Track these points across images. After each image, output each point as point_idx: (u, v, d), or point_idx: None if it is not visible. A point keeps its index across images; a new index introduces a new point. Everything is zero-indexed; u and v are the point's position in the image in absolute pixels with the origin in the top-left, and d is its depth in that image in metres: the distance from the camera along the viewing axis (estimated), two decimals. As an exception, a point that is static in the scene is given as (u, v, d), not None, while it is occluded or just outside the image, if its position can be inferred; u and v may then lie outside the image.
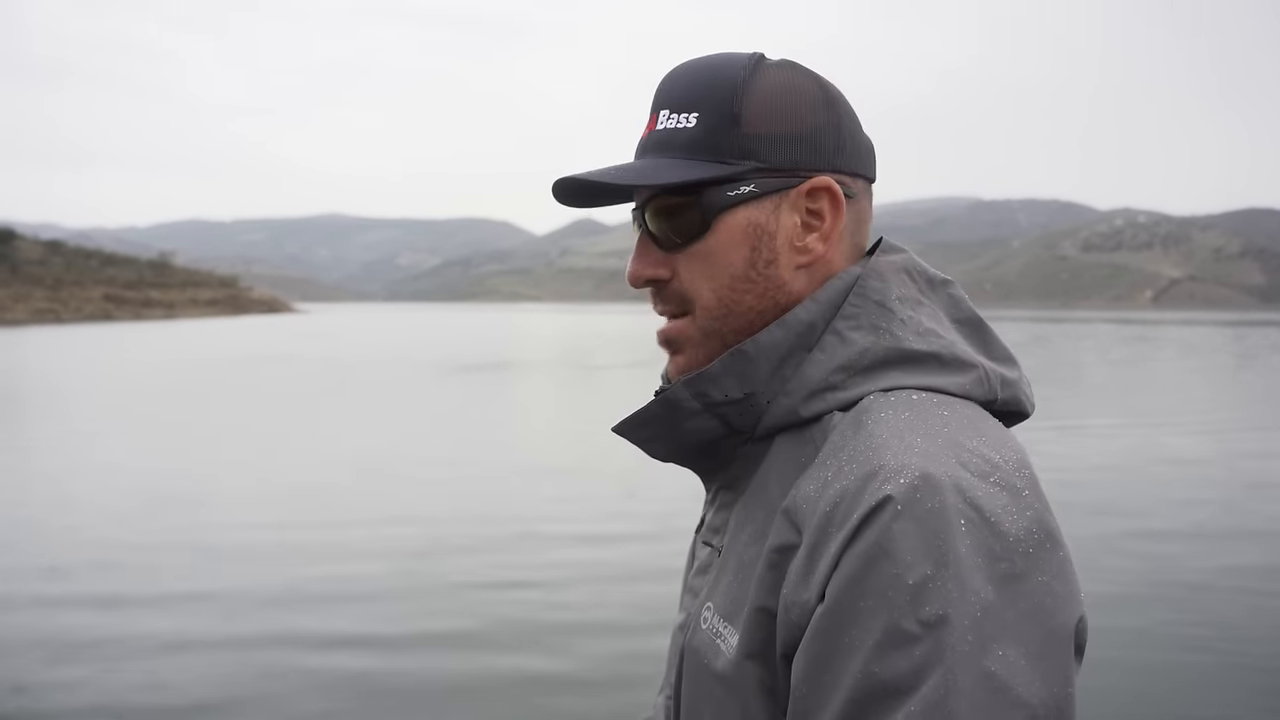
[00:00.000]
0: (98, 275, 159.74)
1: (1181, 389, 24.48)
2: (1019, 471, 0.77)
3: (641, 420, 0.93)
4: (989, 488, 0.74)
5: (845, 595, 0.72)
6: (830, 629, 0.73)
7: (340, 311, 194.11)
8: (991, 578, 0.70)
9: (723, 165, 0.89)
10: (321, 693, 5.17)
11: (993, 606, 0.69)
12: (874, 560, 0.72)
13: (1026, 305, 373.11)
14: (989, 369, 0.89)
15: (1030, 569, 0.71)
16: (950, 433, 0.79)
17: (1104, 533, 8.27)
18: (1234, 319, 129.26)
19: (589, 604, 6.65)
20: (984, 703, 0.67)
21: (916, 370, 0.86)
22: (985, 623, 0.69)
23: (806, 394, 0.87)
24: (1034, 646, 0.69)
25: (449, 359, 35.52)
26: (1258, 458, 12.97)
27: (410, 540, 8.33)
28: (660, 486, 9.58)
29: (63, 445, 14.27)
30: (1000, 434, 0.83)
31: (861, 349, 0.87)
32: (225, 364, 33.62)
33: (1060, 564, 0.74)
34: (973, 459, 0.77)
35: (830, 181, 0.90)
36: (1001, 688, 0.68)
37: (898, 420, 0.81)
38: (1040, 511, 0.75)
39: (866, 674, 0.70)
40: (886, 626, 0.70)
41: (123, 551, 7.95)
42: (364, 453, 13.30)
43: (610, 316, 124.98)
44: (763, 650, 0.81)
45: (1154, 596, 6.64)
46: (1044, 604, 0.71)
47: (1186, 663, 5.51)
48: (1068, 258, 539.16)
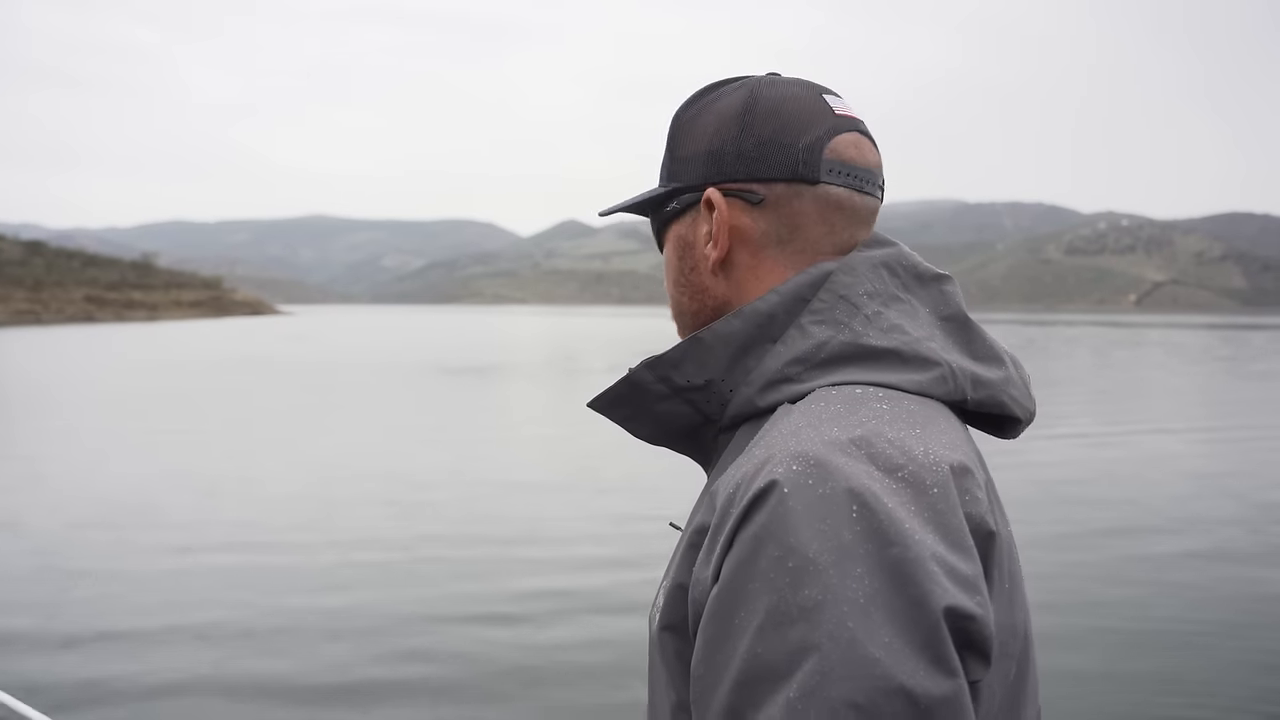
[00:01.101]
0: (79, 276, 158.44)
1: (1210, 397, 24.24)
2: (934, 469, 0.77)
3: (611, 399, 0.97)
4: (890, 481, 0.75)
5: (734, 577, 0.74)
6: (721, 611, 0.74)
7: (324, 313, 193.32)
8: (876, 566, 0.70)
9: (660, 189, 1.01)
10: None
11: (876, 595, 0.69)
12: (760, 542, 0.73)
13: (1011, 308, 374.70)
14: (958, 367, 0.89)
15: (916, 560, 0.71)
16: (875, 425, 0.79)
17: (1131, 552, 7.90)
18: (1218, 322, 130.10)
19: (576, 644, 6.18)
20: (864, 688, 0.67)
21: (873, 366, 0.87)
22: (868, 609, 0.69)
23: (763, 385, 0.89)
24: (917, 636, 0.69)
25: (434, 362, 35.00)
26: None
27: (378, 567, 7.79)
28: (647, 499, 9.14)
29: (14, 451, 13.72)
30: (941, 431, 0.82)
31: (818, 343, 0.88)
32: (207, 367, 32.98)
33: (950, 561, 0.73)
34: (886, 450, 0.77)
35: (710, 193, 0.95)
36: (884, 675, 0.67)
37: (824, 410, 0.81)
38: (943, 511, 0.75)
39: (751, 655, 0.71)
40: (769, 608, 0.71)
41: (49, 577, 7.44)
42: (342, 463, 12.81)
43: (595, 319, 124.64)
44: (680, 624, 0.84)
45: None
46: (929, 595, 0.70)
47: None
48: (1052, 261, 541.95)
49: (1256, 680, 5.41)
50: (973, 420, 0.93)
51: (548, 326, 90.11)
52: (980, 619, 0.72)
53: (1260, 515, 9.59)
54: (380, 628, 6.32)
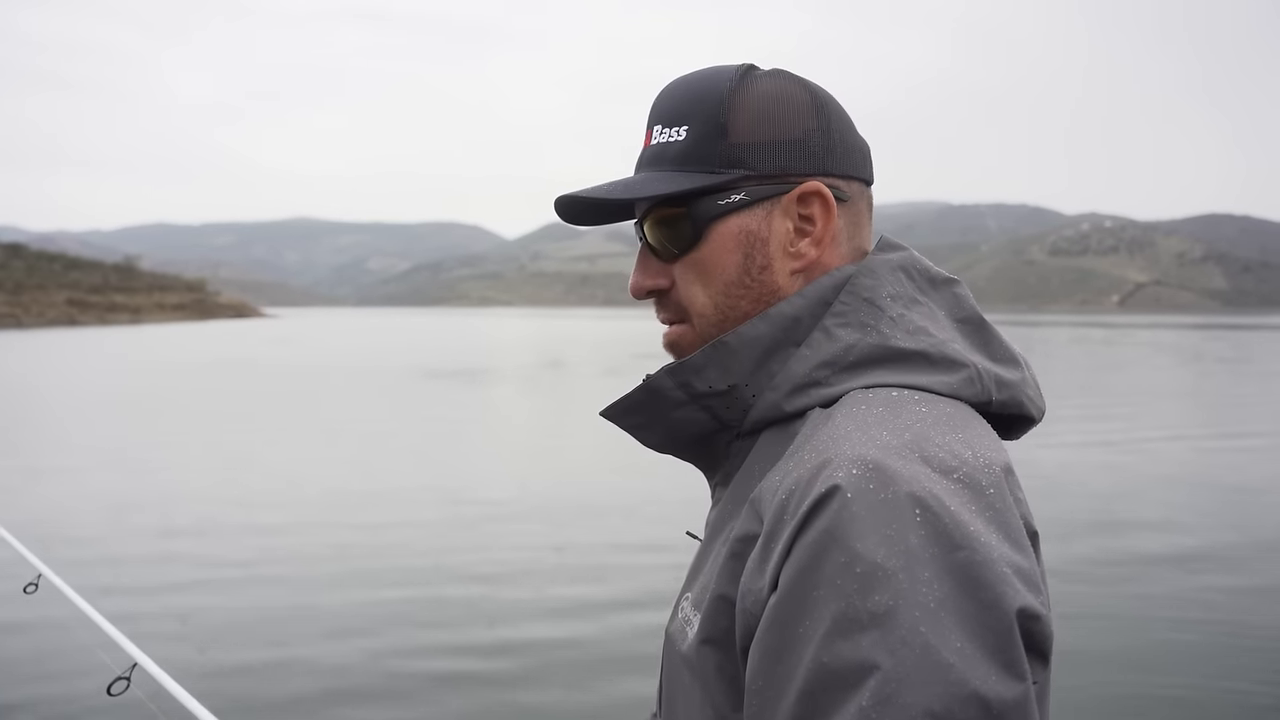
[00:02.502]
0: (61, 279, 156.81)
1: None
2: (987, 470, 0.76)
3: (627, 406, 0.94)
4: (949, 482, 0.74)
5: (796, 585, 0.72)
6: (783, 619, 0.72)
7: (310, 316, 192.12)
8: (945, 570, 0.69)
9: (711, 175, 0.91)
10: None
11: (947, 599, 0.68)
12: (824, 549, 0.71)
13: (995, 309, 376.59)
14: (983, 369, 0.88)
15: (985, 563, 0.70)
16: (921, 428, 0.78)
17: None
18: (1201, 322, 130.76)
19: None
20: (939, 695, 0.66)
21: (902, 368, 0.86)
22: (939, 614, 0.68)
23: (790, 389, 0.88)
24: (989, 640, 0.68)
25: (419, 366, 34.57)
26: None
27: (352, 612, 6.91)
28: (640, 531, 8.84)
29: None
30: (980, 433, 0.82)
31: (846, 345, 0.87)
32: (189, 371, 32.46)
33: (1016, 561, 0.72)
34: (939, 454, 0.76)
35: (820, 186, 0.91)
36: (958, 681, 0.66)
37: (868, 414, 0.80)
38: (1001, 511, 0.74)
39: (818, 664, 0.69)
40: (836, 616, 0.69)
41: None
42: (329, 479, 12.43)
43: (582, 321, 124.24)
44: (722, 638, 0.81)
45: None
46: (1002, 598, 0.69)
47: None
48: (1035, 262, 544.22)
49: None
50: (990, 421, 0.92)
51: (535, 329, 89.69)
52: (1044, 619, 0.72)
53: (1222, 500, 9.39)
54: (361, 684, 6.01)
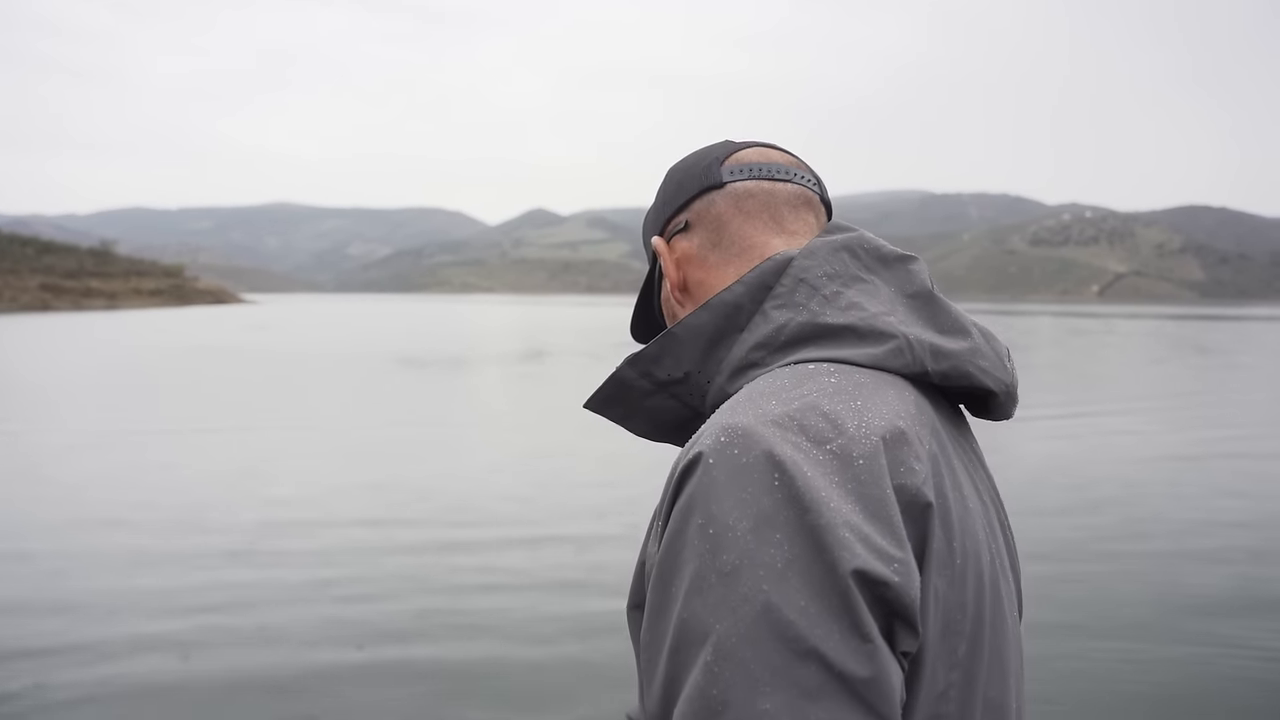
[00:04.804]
0: (35, 264, 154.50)
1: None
2: (864, 440, 0.77)
3: (603, 399, 1.00)
4: (818, 452, 0.75)
5: (668, 548, 0.75)
6: (659, 582, 0.76)
7: (290, 302, 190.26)
8: (796, 532, 0.71)
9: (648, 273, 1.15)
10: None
11: (795, 560, 0.70)
12: (688, 512, 0.74)
13: (975, 299, 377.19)
14: (914, 339, 0.89)
15: (827, 527, 0.71)
16: (815, 398, 0.80)
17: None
18: (1180, 313, 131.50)
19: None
20: (778, 650, 0.68)
21: (830, 343, 0.88)
22: (786, 574, 0.70)
23: (731, 372, 0.92)
24: (833, 601, 0.69)
25: (400, 353, 34.04)
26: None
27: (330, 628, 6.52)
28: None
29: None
30: (886, 403, 0.82)
31: (778, 326, 0.90)
32: (165, 356, 31.81)
33: (861, 528, 0.73)
34: (818, 424, 0.77)
35: (654, 242, 1.07)
36: (796, 637, 0.68)
37: (767, 387, 0.82)
38: (866, 482, 0.75)
39: (680, 621, 0.73)
40: (692, 575, 0.72)
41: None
42: (307, 478, 11.98)
43: (564, 308, 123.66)
44: (641, 602, 0.84)
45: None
46: (839, 561, 0.70)
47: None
48: (1017, 252, 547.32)
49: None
50: (952, 398, 0.94)
51: (517, 316, 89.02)
52: (897, 586, 0.72)
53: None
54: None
